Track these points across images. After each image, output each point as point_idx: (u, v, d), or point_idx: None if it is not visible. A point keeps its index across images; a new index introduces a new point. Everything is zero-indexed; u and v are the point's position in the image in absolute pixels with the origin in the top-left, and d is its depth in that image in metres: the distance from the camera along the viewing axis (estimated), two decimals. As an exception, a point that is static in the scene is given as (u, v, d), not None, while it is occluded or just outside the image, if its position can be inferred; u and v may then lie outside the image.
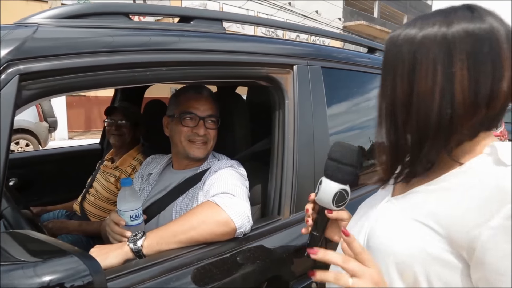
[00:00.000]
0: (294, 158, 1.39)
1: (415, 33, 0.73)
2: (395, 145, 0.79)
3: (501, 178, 0.66)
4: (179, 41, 1.14)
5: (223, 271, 1.10)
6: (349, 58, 1.77)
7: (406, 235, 0.75)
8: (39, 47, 0.91)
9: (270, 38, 1.50)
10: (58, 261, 0.65)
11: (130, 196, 1.29)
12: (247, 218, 1.17)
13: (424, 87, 0.71)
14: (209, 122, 1.51)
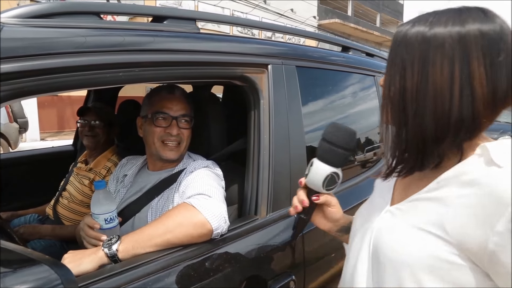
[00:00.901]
0: (270, 157, 1.39)
1: (426, 29, 0.74)
2: (402, 139, 0.78)
3: (495, 181, 0.67)
4: (152, 42, 1.12)
5: (201, 273, 1.09)
6: (323, 57, 1.78)
7: (416, 244, 0.75)
8: (5, 47, 0.88)
9: (244, 37, 1.50)
10: (28, 271, 0.62)
11: (104, 199, 1.26)
12: (223, 219, 1.16)
13: (441, 80, 0.71)
14: (182, 122, 1.50)
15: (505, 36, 0.71)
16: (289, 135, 1.46)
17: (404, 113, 0.76)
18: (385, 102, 0.80)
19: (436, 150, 0.74)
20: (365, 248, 0.86)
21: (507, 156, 0.69)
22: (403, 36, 0.76)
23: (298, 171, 1.45)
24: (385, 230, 0.82)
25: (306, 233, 1.42)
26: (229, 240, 1.20)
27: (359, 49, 2.23)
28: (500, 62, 0.70)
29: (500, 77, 0.70)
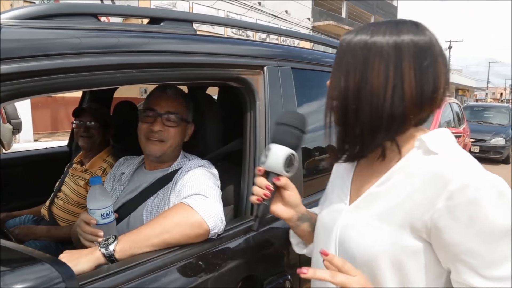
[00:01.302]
0: (266, 158, 1.40)
1: (368, 37, 0.84)
2: (345, 130, 0.88)
3: (434, 166, 0.79)
4: (149, 43, 1.13)
5: (198, 272, 1.10)
6: (318, 59, 1.80)
7: (377, 236, 0.83)
8: (3, 48, 0.88)
9: (240, 39, 1.51)
10: (29, 269, 0.63)
11: (100, 194, 1.27)
12: (220, 219, 1.17)
13: (377, 82, 0.81)
14: (167, 120, 1.48)
15: (433, 47, 0.83)
16: (285, 136, 1.47)
17: (346, 109, 0.85)
18: (329, 100, 0.91)
19: (373, 141, 0.85)
20: (331, 246, 0.92)
21: (441, 144, 0.82)
22: (348, 43, 0.87)
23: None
24: (348, 227, 0.90)
25: (301, 233, 1.43)
26: (226, 240, 1.21)
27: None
28: (427, 67, 0.81)
29: (426, 80, 0.81)
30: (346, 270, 0.79)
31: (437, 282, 0.81)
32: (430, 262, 0.80)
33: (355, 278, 0.78)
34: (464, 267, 0.75)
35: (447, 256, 0.77)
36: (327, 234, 0.95)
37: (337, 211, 0.95)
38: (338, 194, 0.99)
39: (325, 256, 0.80)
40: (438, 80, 0.82)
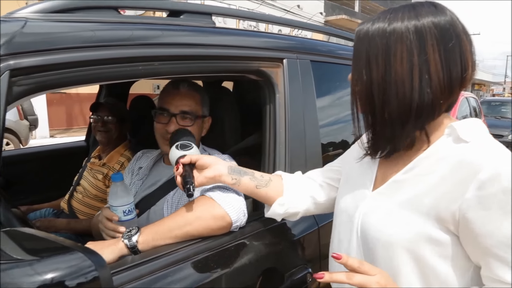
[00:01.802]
0: (286, 151, 1.39)
1: (386, 25, 0.81)
2: (374, 126, 0.86)
3: (464, 154, 0.76)
4: (171, 35, 1.13)
5: (220, 264, 1.10)
6: (337, 51, 1.78)
7: (400, 224, 0.81)
8: (29, 42, 0.89)
9: (260, 32, 1.50)
10: (62, 257, 0.63)
11: (122, 191, 1.28)
12: (242, 212, 1.17)
13: (402, 70, 0.78)
14: (182, 119, 1.46)
15: (455, 25, 0.79)
16: (305, 129, 1.47)
17: (372, 102, 0.82)
18: (354, 95, 0.88)
19: (403, 132, 0.81)
20: (353, 233, 0.91)
21: (472, 133, 0.79)
22: (365, 33, 0.84)
23: (313, 166, 1.45)
24: (370, 214, 0.88)
25: (321, 226, 1.43)
26: (247, 233, 1.21)
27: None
28: (452, 46, 0.77)
29: (454, 60, 0.78)
30: (364, 270, 0.76)
31: (463, 277, 0.79)
32: (456, 256, 0.77)
33: (375, 278, 0.75)
34: (497, 262, 0.72)
35: (477, 249, 0.75)
36: (348, 220, 0.93)
37: (359, 197, 0.93)
38: (362, 180, 0.96)
39: (338, 259, 0.77)
40: (465, 59, 0.79)
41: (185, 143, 1.23)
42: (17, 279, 0.62)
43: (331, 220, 1.45)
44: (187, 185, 1.08)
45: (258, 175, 1.19)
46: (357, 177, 0.99)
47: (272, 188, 1.17)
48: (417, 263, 0.79)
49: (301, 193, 1.16)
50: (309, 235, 1.39)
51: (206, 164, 1.15)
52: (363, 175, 0.97)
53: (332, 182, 1.14)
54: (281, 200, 1.15)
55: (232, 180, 1.15)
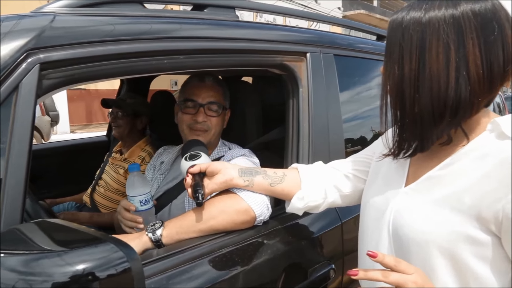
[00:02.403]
0: (310, 146, 1.38)
1: (421, 14, 0.75)
2: (403, 123, 0.82)
3: (509, 151, 0.70)
4: (195, 29, 1.13)
5: (244, 259, 1.09)
6: (360, 45, 1.75)
7: (435, 221, 0.77)
8: (58, 35, 0.90)
9: (283, 25, 1.49)
10: (93, 248, 0.64)
11: (138, 181, 1.29)
12: (266, 206, 1.17)
13: (436, 65, 0.73)
14: (209, 109, 1.50)
15: (497, 13, 0.73)
16: (328, 124, 1.45)
17: (403, 98, 0.78)
18: (384, 88, 0.84)
19: (435, 131, 0.77)
20: (384, 230, 0.88)
21: None
22: (399, 24, 0.79)
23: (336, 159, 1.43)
24: (403, 211, 0.84)
25: (345, 222, 1.41)
26: (271, 227, 1.20)
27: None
28: (495, 39, 0.72)
29: (495, 53, 0.72)
30: (401, 269, 0.73)
31: (501, 279, 0.74)
32: (495, 258, 0.73)
33: (412, 277, 0.72)
34: None
35: None
36: (379, 218, 0.90)
37: (391, 193, 0.89)
38: (393, 175, 0.93)
39: (374, 258, 0.74)
40: (508, 50, 0.73)
41: (194, 153, 1.24)
42: (48, 269, 0.63)
43: (354, 216, 1.45)
44: (196, 194, 1.07)
45: (271, 172, 1.17)
46: (387, 171, 0.96)
47: (287, 184, 1.15)
48: (454, 264, 0.76)
49: (322, 184, 1.14)
50: (332, 231, 1.37)
51: (216, 170, 1.14)
52: (394, 170, 0.93)
53: (359, 173, 1.11)
54: (299, 193, 1.13)
55: (245, 182, 1.14)
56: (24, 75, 0.85)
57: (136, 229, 1.28)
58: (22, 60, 0.85)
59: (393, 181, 0.92)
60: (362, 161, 1.12)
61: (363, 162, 1.11)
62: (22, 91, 0.85)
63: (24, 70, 0.85)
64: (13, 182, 0.82)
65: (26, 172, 0.84)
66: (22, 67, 0.85)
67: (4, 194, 0.80)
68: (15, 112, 0.84)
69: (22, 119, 0.85)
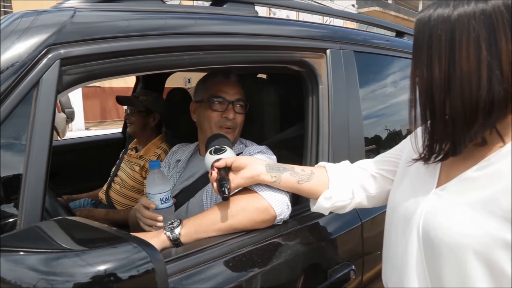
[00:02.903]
0: (329, 144, 1.35)
1: (450, 12, 0.72)
2: (433, 126, 0.78)
3: None
4: (215, 24, 1.11)
5: (264, 258, 1.07)
6: (380, 42, 1.72)
7: (470, 225, 0.74)
8: (78, 31, 0.89)
9: (302, 21, 1.46)
10: (115, 248, 0.62)
11: (159, 179, 1.28)
12: (286, 204, 1.14)
13: (467, 65, 0.70)
14: (237, 107, 1.50)
15: None
16: (348, 122, 1.42)
17: (433, 101, 0.75)
18: (413, 89, 0.80)
19: (468, 134, 0.74)
20: (413, 232, 0.84)
21: None
22: (426, 23, 0.75)
23: (356, 159, 1.40)
24: (435, 213, 0.81)
25: (365, 222, 1.38)
26: (290, 227, 1.18)
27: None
28: None
29: None
30: None
31: None
32: None
33: None
34: None
35: None
36: (407, 219, 0.86)
37: (421, 193, 0.86)
38: (423, 175, 0.89)
39: None
40: None
41: (218, 147, 1.21)
42: (69, 269, 0.61)
43: (374, 216, 1.42)
44: (222, 188, 1.06)
45: (299, 169, 1.15)
46: (417, 171, 0.92)
47: (315, 182, 1.13)
48: (489, 270, 0.72)
49: (350, 184, 1.11)
50: (352, 231, 1.34)
51: (243, 165, 1.12)
52: (424, 169, 0.90)
53: (386, 173, 1.08)
54: (327, 193, 1.10)
55: (272, 178, 1.12)
56: (45, 70, 0.84)
57: (154, 228, 1.27)
58: (43, 56, 0.84)
59: (423, 182, 0.88)
60: (390, 161, 1.09)
61: (390, 162, 1.08)
62: (42, 87, 0.84)
63: (44, 65, 0.84)
64: (34, 179, 0.81)
65: (46, 169, 0.83)
66: (42, 62, 0.84)
67: (25, 191, 0.80)
68: (36, 108, 0.83)
69: (43, 115, 0.84)
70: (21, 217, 0.78)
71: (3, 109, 0.80)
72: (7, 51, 0.82)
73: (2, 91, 0.80)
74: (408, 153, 0.99)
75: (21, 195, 0.80)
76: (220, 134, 1.36)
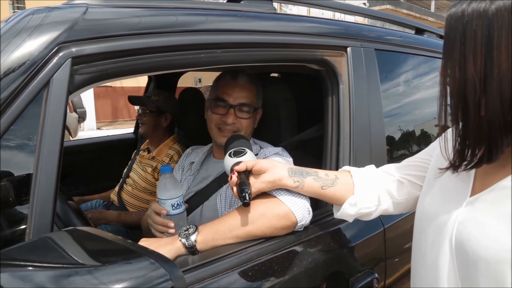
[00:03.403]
0: (351, 146, 1.29)
1: (486, 6, 0.66)
2: (465, 130, 0.72)
3: None
4: (233, 21, 1.06)
5: (284, 267, 1.02)
6: (401, 40, 1.65)
7: (508, 237, 0.68)
8: (90, 28, 0.85)
9: (321, 18, 1.40)
10: (131, 264, 0.57)
11: (171, 184, 1.23)
12: (307, 210, 1.09)
13: (507, 64, 0.64)
14: (240, 111, 1.42)
15: None
16: (370, 123, 1.36)
17: (466, 103, 0.69)
18: (443, 92, 0.75)
19: (505, 139, 0.68)
20: (445, 243, 0.79)
21: None
22: (459, 19, 0.69)
23: (378, 161, 1.34)
24: (470, 223, 0.75)
25: (387, 228, 1.32)
26: (311, 234, 1.12)
27: (434, 31, 2.07)
28: None
29: None
30: None
31: None
32: None
33: None
34: None
35: None
36: (439, 229, 0.81)
37: (454, 202, 0.80)
38: (456, 182, 0.83)
39: None
40: None
41: (238, 149, 1.16)
42: (81, 286, 0.56)
43: (397, 221, 1.36)
44: (243, 193, 1.00)
45: (323, 174, 1.09)
46: (449, 177, 0.86)
47: (340, 187, 1.07)
48: None
49: (376, 190, 1.06)
50: (374, 237, 1.29)
51: (264, 168, 1.07)
52: (456, 176, 0.83)
53: (414, 179, 1.02)
54: (352, 199, 1.05)
55: (295, 183, 1.06)
56: (56, 70, 0.80)
57: (166, 234, 1.22)
58: (54, 54, 0.80)
59: (456, 189, 0.82)
60: (418, 166, 1.02)
61: (418, 167, 1.02)
62: (53, 87, 0.80)
63: (55, 64, 0.80)
64: (44, 183, 0.77)
65: (57, 174, 0.79)
66: (53, 61, 0.80)
67: (34, 196, 0.76)
68: (46, 109, 0.79)
69: (53, 117, 0.80)
70: (31, 223, 0.74)
71: (12, 110, 0.76)
72: (17, 49, 0.78)
73: (11, 91, 0.76)
74: (438, 158, 0.93)
75: (31, 200, 0.76)
76: (240, 135, 1.31)
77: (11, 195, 0.78)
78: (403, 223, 1.38)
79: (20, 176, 0.78)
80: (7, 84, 0.76)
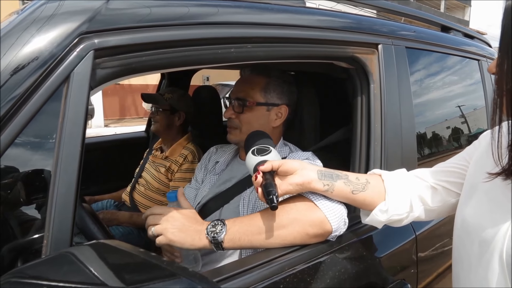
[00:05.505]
0: (382, 149, 1.22)
1: None
2: None
3: None
4: (263, 13, 0.98)
5: (316, 278, 0.95)
6: (431, 38, 1.57)
7: None
8: (115, 18, 0.77)
9: (350, 13, 1.32)
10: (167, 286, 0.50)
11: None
12: (343, 220, 1.01)
13: None
14: (237, 105, 1.35)
15: None
16: (401, 123, 1.28)
17: None
18: (497, 92, 0.68)
19: None
20: (494, 258, 0.72)
21: None
22: None
23: (409, 165, 1.26)
24: None
25: (419, 235, 1.25)
26: (344, 242, 1.05)
27: (460, 29, 1.99)
28: None
29: None
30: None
31: None
32: None
33: None
34: None
35: None
36: (485, 243, 0.74)
37: (501, 214, 0.73)
38: (502, 192, 0.75)
39: None
40: None
41: (262, 147, 1.07)
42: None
43: (429, 228, 1.29)
44: (270, 196, 0.91)
45: (353, 177, 1.02)
46: (493, 185, 0.78)
47: (371, 192, 1.00)
48: None
49: (408, 196, 0.99)
50: (406, 245, 1.21)
51: (292, 170, 0.99)
52: (503, 184, 0.76)
53: (449, 185, 0.95)
54: (383, 205, 0.98)
55: (324, 187, 0.98)
56: (77, 63, 0.73)
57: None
58: (74, 46, 0.73)
59: (502, 199, 0.75)
60: (453, 171, 0.95)
61: (454, 173, 0.95)
62: (73, 81, 0.73)
63: (76, 57, 0.73)
64: (63, 189, 0.70)
65: (77, 177, 0.72)
66: (74, 54, 0.73)
67: (53, 203, 0.69)
68: (66, 106, 0.72)
69: (74, 115, 0.73)
70: (49, 233, 0.68)
71: (28, 107, 0.69)
72: (32, 40, 0.70)
73: (27, 86, 0.69)
74: (477, 163, 0.85)
75: (49, 207, 0.69)
76: (261, 131, 1.22)
77: (26, 201, 0.72)
78: (434, 229, 1.31)
79: (37, 180, 0.71)
80: (23, 79, 0.68)
